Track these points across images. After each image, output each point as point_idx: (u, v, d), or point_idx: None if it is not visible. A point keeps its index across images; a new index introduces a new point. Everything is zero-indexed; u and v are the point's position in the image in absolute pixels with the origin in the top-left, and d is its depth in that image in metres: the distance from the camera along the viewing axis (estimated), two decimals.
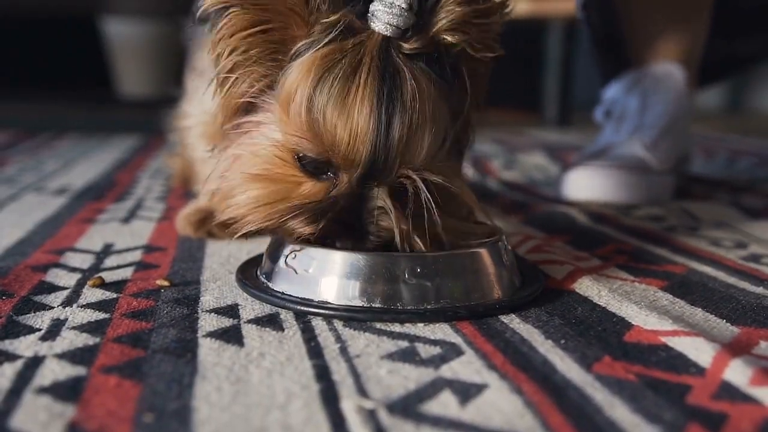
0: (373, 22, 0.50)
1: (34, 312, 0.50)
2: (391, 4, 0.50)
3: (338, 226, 0.50)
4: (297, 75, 0.49)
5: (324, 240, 0.51)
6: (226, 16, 0.50)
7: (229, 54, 0.51)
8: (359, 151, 0.48)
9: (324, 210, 0.50)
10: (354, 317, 0.49)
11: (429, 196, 0.49)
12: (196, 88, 0.75)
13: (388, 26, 0.50)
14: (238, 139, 0.54)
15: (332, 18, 0.49)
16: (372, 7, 0.50)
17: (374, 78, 0.48)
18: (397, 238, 0.50)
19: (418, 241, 0.50)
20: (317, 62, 0.49)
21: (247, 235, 0.54)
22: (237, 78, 0.52)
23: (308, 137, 0.49)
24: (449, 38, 0.51)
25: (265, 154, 0.52)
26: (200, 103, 0.73)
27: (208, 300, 0.53)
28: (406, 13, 0.50)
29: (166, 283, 0.56)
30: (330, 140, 0.48)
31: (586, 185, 0.93)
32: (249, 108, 0.54)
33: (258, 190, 0.52)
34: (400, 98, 0.48)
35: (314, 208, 0.50)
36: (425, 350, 0.44)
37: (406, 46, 0.50)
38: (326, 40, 0.49)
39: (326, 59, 0.48)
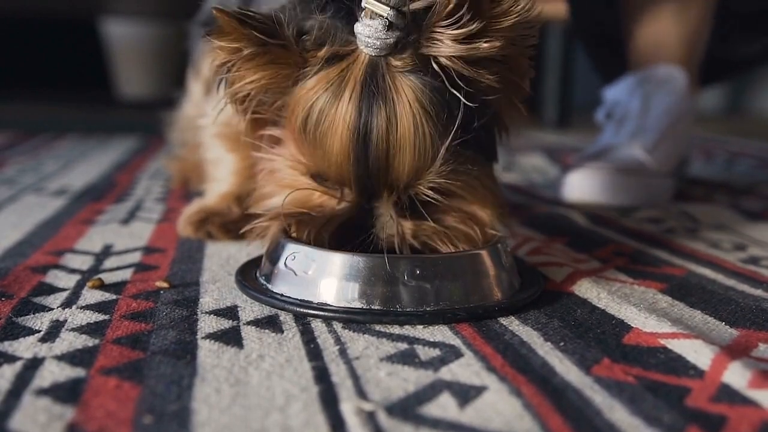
0: (359, 43, 0.50)
1: (34, 313, 0.50)
2: (369, 24, 0.49)
3: (351, 233, 0.51)
4: (294, 103, 0.51)
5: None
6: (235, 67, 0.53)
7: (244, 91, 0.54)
8: (344, 168, 0.50)
9: (325, 223, 0.52)
10: (353, 319, 0.49)
11: (435, 199, 0.51)
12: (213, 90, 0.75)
13: (369, 46, 0.49)
14: (267, 153, 0.57)
15: (319, 54, 0.50)
16: (355, 29, 0.50)
17: (356, 98, 0.49)
18: (397, 245, 0.51)
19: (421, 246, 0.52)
20: (306, 92, 0.50)
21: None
22: (258, 101, 0.55)
23: (305, 158, 0.52)
24: (439, 59, 0.49)
25: (286, 168, 0.55)
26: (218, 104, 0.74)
27: (207, 301, 0.53)
28: (384, 33, 0.48)
29: (165, 285, 0.56)
30: (322, 162, 0.51)
31: (585, 187, 0.93)
32: (274, 125, 0.56)
33: (282, 197, 0.54)
34: (376, 125, 0.48)
35: (316, 221, 0.52)
36: (424, 352, 0.44)
37: (394, 63, 0.49)
38: (314, 71, 0.50)
39: (315, 88, 0.50)
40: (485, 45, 0.48)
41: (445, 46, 0.48)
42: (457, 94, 0.48)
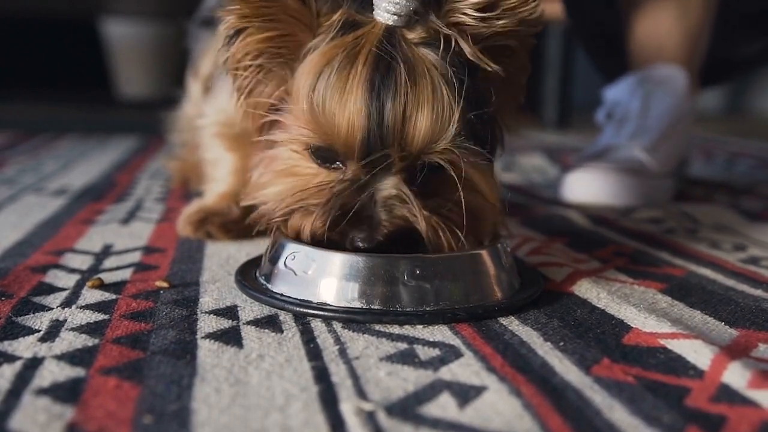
0: (376, 12, 0.50)
1: (33, 313, 0.50)
2: None
3: (350, 218, 0.49)
4: (302, 72, 0.51)
5: (336, 237, 0.50)
6: (241, 36, 0.53)
7: (248, 65, 0.54)
8: (355, 136, 0.49)
9: (330, 202, 0.50)
10: (353, 319, 0.49)
11: (450, 176, 0.50)
12: (219, 89, 0.75)
13: (387, 14, 0.50)
14: (267, 143, 0.56)
15: (333, 17, 0.51)
16: None
17: (370, 65, 0.48)
18: (422, 227, 0.49)
19: (438, 230, 0.50)
20: (318, 58, 0.50)
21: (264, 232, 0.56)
22: (259, 82, 0.55)
23: (312, 127, 0.51)
24: (454, 34, 0.50)
25: (285, 152, 0.54)
26: (217, 104, 0.74)
27: (207, 301, 0.53)
28: (404, 0, 0.50)
29: (165, 285, 0.56)
30: (329, 128, 0.50)
31: (585, 187, 0.93)
32: (276, 112, 0.56)
33: (280, 186, 0.54)
34: (394, 82, 0.48)
35: (321, 202, 0.51)
36: (424, 352, 0.44)
37: (409, 35, 0.50)
38: (329, 38, 0.50)
39: (327, 54, 0.50)
40: (500, 21, 0.50)
41: (461, 17, 0.50)
42: (474, 61, 0.50)
